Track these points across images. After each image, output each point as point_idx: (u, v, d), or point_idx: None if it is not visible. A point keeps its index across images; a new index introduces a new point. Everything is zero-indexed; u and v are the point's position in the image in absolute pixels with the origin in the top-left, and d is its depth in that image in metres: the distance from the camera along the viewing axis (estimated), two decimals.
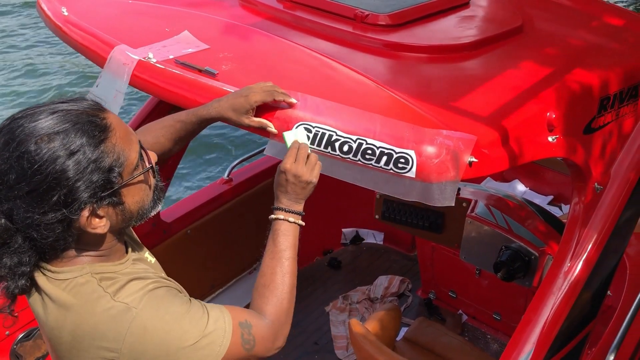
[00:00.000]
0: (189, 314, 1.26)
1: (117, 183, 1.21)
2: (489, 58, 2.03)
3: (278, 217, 1.48)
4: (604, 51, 2.14)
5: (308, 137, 1.54)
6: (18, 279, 1.22)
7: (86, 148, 1.16)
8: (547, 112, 1.74)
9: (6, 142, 1.17)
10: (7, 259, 1.20)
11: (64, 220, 1.17)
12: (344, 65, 1.87)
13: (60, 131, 1.15)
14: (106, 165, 1.19)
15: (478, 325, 3.32)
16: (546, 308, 1.92)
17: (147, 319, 1.21)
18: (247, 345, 1.33)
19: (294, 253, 1.47)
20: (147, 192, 1.31)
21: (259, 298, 1.42)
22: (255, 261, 3.54)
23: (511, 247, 2.63)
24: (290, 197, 1.48)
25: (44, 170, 1.13)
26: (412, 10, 2.16)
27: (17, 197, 1.15)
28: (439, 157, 1.46)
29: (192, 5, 2.38)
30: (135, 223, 1.33)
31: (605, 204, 1.96)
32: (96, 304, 1.22)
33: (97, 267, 1.26)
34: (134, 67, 1.77)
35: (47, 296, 1.25)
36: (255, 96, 1.55)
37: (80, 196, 1.16)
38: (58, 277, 1.25)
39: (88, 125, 1.18)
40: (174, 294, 1.29)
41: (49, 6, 2.22)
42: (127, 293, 1.23)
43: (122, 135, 1.23)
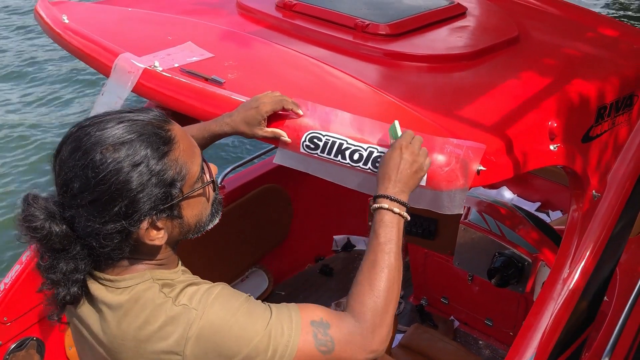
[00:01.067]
0: (247, 312, 1.22)
1: (177, 196, 1.21)
2: (488, 67, 2.07)
3: (382, 205, 1.35)
4: (599, 61, 2.19)
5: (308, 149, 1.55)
6: (71, 286, 1.21)
7: (150, 160, 1.16)
8: (548, 121, 1.78)
9: (72, 150, 1.17)
10: (64, 265, 1.19)
11: (123, 231, 1.17)
12: (347, 74, 1.88)
13: (126, 142, 1.15)
14: (168, 178, 1.18)
15: (470, 331, 3.35)
16: (546, 314, 1.95)
17: (205, 319, 1.20)
18: (322, 347, 1.23)
19: (397, 247, 1.34)
20: (205, 206, 1.30)
21: (351, 296, 1.31)
22: (248, 269, 3.54)
23: (505, 253, 2.67)
24: (398, 184, 1.37)
25: (107, 181, 1.14)
26: (412, 20, 2.20)
27: (79, 206, 1.16)
28: (448, 166, 1.48)
29: (190, 13, 2.38)
30: (192, 236, 1.31)
31: (602, 211, 2.00)
32: (160, 309, 1.21)
33: (157, 273, 1.26)
34: (139, 75, 1.76)
35: (106, 305, 1.24)
36: (266, 106, 1.56)
37: (140, 208, 1.16)
38: (119, 286, 1.24)
39: (153, 137, 1.18)
40: (230, 293, 1.26)
41: (47, 13, 2.21)
42: (186, 297, 1.22)
43: (185, 148, 1.23)
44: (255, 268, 3.57)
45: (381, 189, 1.38)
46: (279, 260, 3.63)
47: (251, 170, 3.55)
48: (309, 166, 1.60)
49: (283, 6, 2.34)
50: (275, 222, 3.58)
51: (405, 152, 1.39)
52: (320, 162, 1.57)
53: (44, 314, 2.57)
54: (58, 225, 1.17)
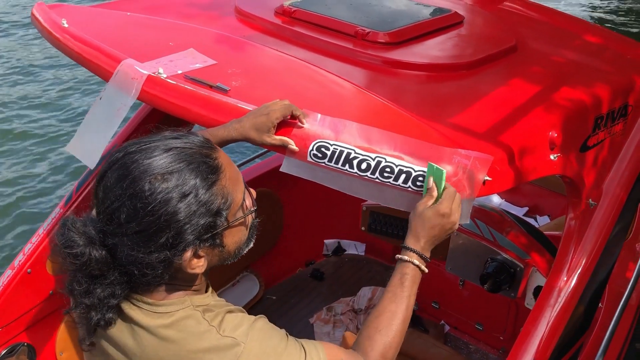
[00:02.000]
0: (287, 350, 1.25)
1: (222, 226, 1.20)
2: (487, 76, 2.09)
3: (413, 261, 1.43)
4: (594, 72, 2.23)
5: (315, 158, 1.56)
6: (106, 312, 1.20)
7: (199, 190, 1.15)
8: (548, 132, 1.81)
9: (119, 177, 1.15)
10: (100, 290, 1.18)
11: (167, 260, 1.16)
12: (350, 82, 1.89)
13: (175, 171, 1.14)
14: (214, 208, 1.17)
15: (460, 336, 3.38)
16: (544, 321, 1.97)
17: (252, 354, 1.20)
18: None
19: (413, 302, 1.44)
20: (244, 233, 1.30)
21: (367, 340, 1.37)
22: (239, 273, 3.53)
23: (497, 259, 2.69)
24: (430, 242, 1.44)
25: (156, 212, 1.12)
26: (411, 28, 2.22)
27: (124, 235, 1.14)
28: (456, 176, 1.50)
29: (188, 17, 2.38)
30: (229, 262, 1.31)
31: (598, 219, 2.04)
32: (203, 338, 1.20)
33: (195, 299, 1.25)
34: (143, 82, 1.75)
35: (142, 329, 1.22)
36: (276, 113, 1.56)
37: (186, 238, 1.15)
38: (158, 310, 1.23)
39: (202, 166, 1.16)
40: (271, 327, 1.28)
41: (45, 18, 2.18)
42: (230, 326, 1.22)
43: (231, 176, 1.23)
44: (246, 272, 3.56)
45: (413, 243, 1.44)
46: (269, 264, 3.63)
47: (242, 175, 3.53)
48: (316, 175, 1.60)
49: (282, 12, 2.34)
50: (266, 226, 3.53)
51: (445, 220, 1.42)
52: (327, 171, 1.57)
53: (35, 320, 2.54)
54: (98, 251, 1.15)
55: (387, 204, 1.58)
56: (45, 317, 2.55)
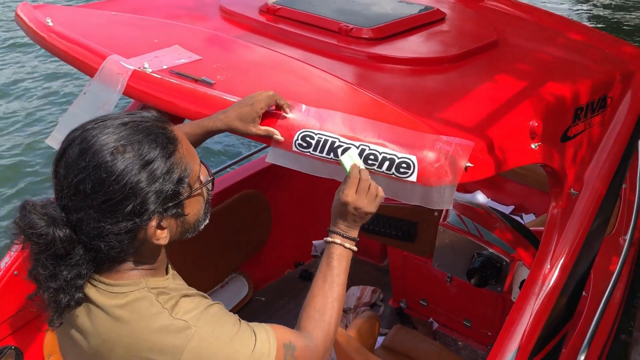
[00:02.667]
0: (238, 334, 1.27)
1: (184, 194, 1.23)
2: (469, 70, 2.12)
3: (335, 240, 1.49)
4: (573, 65, 2.27)
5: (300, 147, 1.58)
6: (75, 292, 1.21)
7: (159, 159, 1.18)
8: (529, 121, 1.84)
9: (81, 152, 1.17)
10: (66, 272, 1.19)
11: (132, 230, 1.19)
12: (334, 76, 1.92)
13: (135, 142, 1.17)
14: (176, 176, 1.21)
15: (449, 333, 3.40)
16: (528, 309, 2.00)
17: (204, 338, 1.23)
18: None
19: (345, 279, 1.48)
20: (202, 205, 1.33)
21: (307, 321, 1.42)
22: (228, 275, 3.53)
23: (483, 254, 2.72)
24: (348, 224, 1.50)
25: (120, 180, 1.15)
26: (394, 24, 2.25)
27: (90, 207, 1.16)
28: (438, 162, 1.52)
29: (173, 17, 2.39)
30: (189, 235, 1.33)
31: (580, 208, 2.07)
32: (155, 320, 1.22)
33: (151, 281, 1.27)
34: (128, 77, 1.77)
35: (98, 308, 1.24)
36: (260, 103, 1.58)
37: (150, 206, 1.18)
38: (113, 290, 1.24)
39: (160, 137, 1.20)
40: (225, 313, 1.30)
41: (29, 17, 2.19)
42: (183, 310, 1.24)
43: (187, 148, 1.26)
44: (235, 274, 3.57)
45: (334, 226, 1.51)
46: (258, 266, 3.64)
47: (230, 176, 3.56)
48: (301, 165, 1.62)
49: (267, 10, 2.37)
50: (255, 228, 3.58)
51: (350, 207, 1.47)
52: (313, 160, 1.59)
53: (22, 322, 2.53)
54: (62, 230, 1.17)
55: None
56: (32, 320, 2.54)
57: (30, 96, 6.90)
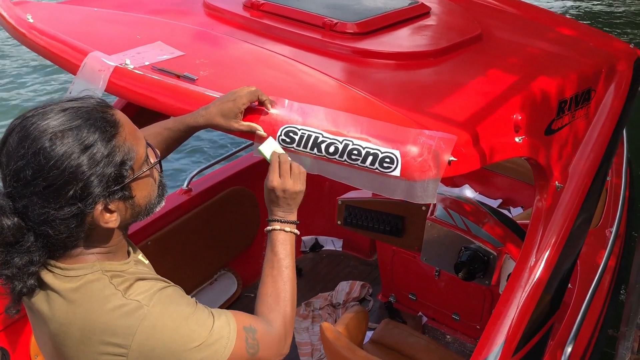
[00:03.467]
0: (195, 315, 1.28)
1: (128, 177, 1.24)
2: (453, 64, 2.12)
3: (274, 228, 1.50)
4: (557, 59, 2.27)
5: (284, 143, 1.58)
6: (27, 279, 1.22)
7: (99, 143, 1.18)
8: (513, 115, 1.84)
9: (20, 139, 1.17)
10: (18, 259, 1.20)
11: (79, 215, 1.19)
12: (318, 71, 1.91)
13: (73, 127, 1.17)
14: (118, 159, 1.21)
15: (438, 326, 3.41)
16: (515, 301, 2.00)
17: (157, 318, 1.23)
18: (251, 350, 1.35)
19: (292, 261, 1.50)
20: (153, 187, 1.33)
21: (263, 306, 1.44)
22: (216, 272, 3.53)
23: (470, 247, 2.73)
24: (284, 209, 1.51)
25: (60, 165, 1.15)
26: (378, 19, 2.24)
27: (33, 193, 1.16)
28: (421, 156, 1.52)
29: (157, 13, 2.38)
30: (142, 218, 1.34)
31: (565, 201, 2.08)
32: (108, 301, 1.23)
33: (106, 265, 1.28)
34: (110, 74, 1.75)
35: (54, 293, 1.25)
36: (242, 99, 1.58)
37: (94, 190, 1.18)
38: (68, 274, 1.25)
39: (100, 121, 1.20)
40: (181, 294, 1.31)
41: (9, 13, 2.17)
42: (137, 291, 1.25)
43: (130, 131, 1.26)
44: (223, 271, 3.56)
45: (270, 215, 1.52)
46: (247, 262, 3.63)
47: (217, 173, 3.55)
48: None
49: (250, 6, 2.36)
50: (243, 224, 3.57)
51: (277, 191, 1.49)
52: (297, 155, 1.59)
53: (8, 322, 2.51)
54: (9, 218, 1.17)
55: (356, 185, 1.60)
56: (18, 320, 2.52)
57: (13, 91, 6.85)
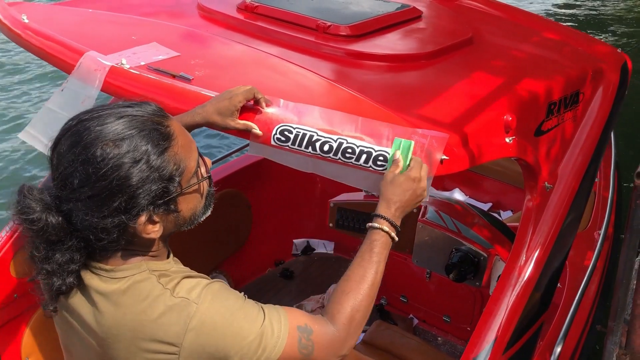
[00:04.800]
0: (243, 310, 1.26)
1: (175, 192, 1.23)
2: (445, 66, 2.16)
3: (383, 227, 1.44)
4: (547, 62, 2.31)
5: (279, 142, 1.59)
6: (67, 276, 1.22)
7: (150, 156, 1.17)
8: (503, 116, 1.87)
9: (72, 144, 1.17)
10: (59, 256, 1.20)
11: (121, 225, 1.19)
12: (312, 72, 1.93)
13: (126, 137, 1.16)
14: (167, 174, 1.20)
15: (429, 329, 3.43)
16: (505, 301, 2.03)
17: (206, 314, 1.22)
18: (304, 350, 1.31)
19: (383, 268, 1.44)
20: (199, 200, 1.32)
21: (334, 303, 1.38)
22: (210, 273, 3.53)
23: (461, 249, 2.75)
24: (401, 208, 1.46)
25: (107, 177, 1.14)
26: (371, 22, 2.28)
27: (78, 200, 1.16)
28: (414, 155, 1.55)
29: (151, 15, 2.39)
30: (186, 228, 1.33)
31: (554, 201, 2.11)
32: (158, 300, 1.23)
33: (152, 264, 1.27)
34: (106, 73, 1.77)
35: (100, 295, 1.25)
36: (238, 97, 1.59)
37: (139, 203, 1.17)
38: (114, 276, 1.25)
39: (153, 133, 1.19)
40: (227, 289, 1.30)
41: (4, 14, 2.18)
42: (185, 289, 1.24)
43: (183, 144, 1.25)
44: (215, 273, 3.56)
45: (384, 210, 1.45)
46: (239, 264, 3.64)
47: (214, 174, 3.54)
48: (282, 158, 1.64)
49: (244, 8, 2.38)
50: (235, 226, 3.58)
51: (416, 185, 1.46)
52: (292, 154, 1.61)
53: None
54: (54, 217, 1.17)
55: (350, 183, 1.63)
56: (9, 321, 2.51)
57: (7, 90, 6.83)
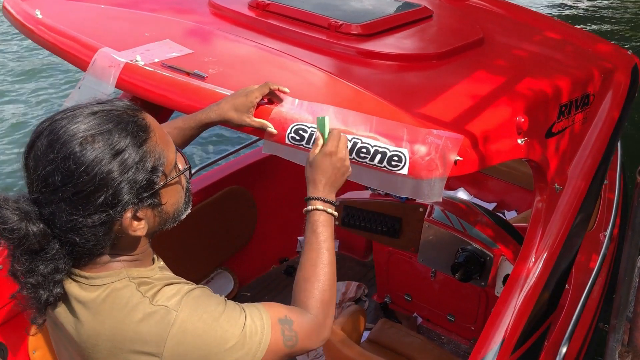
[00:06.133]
0: (225, 314, 1.24)
1: (158, 183, 1.20)
2: (456, 67, 2.16)
3: (317, 207, 1.44)
4: (558, 63, 2.32)
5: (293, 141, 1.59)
6: (53, 287, 1.18)
7: (130, 148, 1.15)
8: (516, 117, 1.88)
9: (49, 143, 1.14)
10: (43, 266, 1.16)
11: (107, 222, 1.16)
12: (324, 70, 1.94)
13: (104, 131, 1.14)
14: (149, 165, 1.17)
15: (432, 327, 3.44)
16: (513, 302, 2.04)
17: (187, 322, 1.20)
18: (289, 342, 1.30)
19: (332, 244, 1.45)
20: (181, 194, 1.30)
21: (301, 292, 1.39)
22: (213, 271, 3.54)
23: (467, 249, 2.76)
24: (328, 187, 1.46)
25: (90, 171, 1.12)
26: (383, 21, 2.28)
27: (61, 200, 1.13)
28: (429, 155, 1.55)
29: (162, 11, 2.39)
30: (169, 226, 1.30)
31: (564, 202, 2.12)
32: (136, 309, 1.20)
33: (133, 271, 1.24)
34: (120, 70, 1.77)
35: (79, 303, 1.22)
36: (254, 93, 1.59)
37: (124, 197, 1.15)
38: (93, 283, 1.22)
39: (131, 126, 1.17)
40: (208, 295, 1.27)
41: (17, 9, 2.18)
42: (165, 297, 1.21)
43: (161, 136, 1.23)
44: (220, 270, 3.57)
45: (313, 192, 1.47)
46: (243, 261, 3.65)
47: (215, 172, 3.56)
48: (296, 157, 1.64)
49: (256, 6, 2.38)
50: (240, 223, 3.59)
51: (334, 158, 1.46)
52: (306, 153, 1.61)
53: (6, 318, 2.51)
54: (35, 225, 1.14)
55: (364, 183, 1.63)
56: (17, 315, 2.51)
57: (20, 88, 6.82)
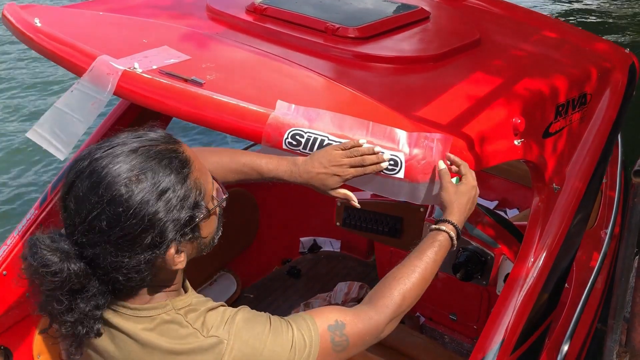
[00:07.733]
0: (272, 334, 1.23)
1: (200, 217, 1.19)
2: (453, 68, 2.17)
3: (449, 232, 1.49)
4: (554, 63, 2.32)
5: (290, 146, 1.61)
6: (94, 324, 1.18)
7: (175, 185, 1.14)
8: (512, 118, 1.89)
9: (92, 186, 1.12)
10: (83, 305, 1.15)
11: (151, 261, 1.15)
12: (322, 75, 1.95)
13: (147, 170, 1.13)
14: (192, 201, 1.17)
15: (435, 327, 3.44)
16: (513, 301, 2.05)
17: (237, 349, 1.20)
18: (338, 347, 1.29)
19: (437, 267, 1.48)
20: (216, 222, 1.29)
21: (385, 287, 1.40)
22: (216, 273, 3.55)
23: (468, 248, 2.76)
24: (463, 215, 1.52)
25: (137, 214, 1.10)
26: (379, 23, 2.29)
27: (106, 242, 1.12)
28: (425, 159, 1.56)
29: (160, 17, 2.41)
30: (205, 252, 1.30)
31: (562, 203, 2.12)
32: (187, 341, 1.19)
33: (177, 302, 1.24)
34: (119, 77, 1.78)
35: (124, 335, 1.21)
36: (348, 173, 1.56)
37: (169, 235, 1.14)
38: (139, 314, 1.21)
39: (174, 161, 1.16)
40: (253, 316, 1.26)
41: (16, 17, 2.19)
42: (212, 326, 1.21)
43: (199, 167, 1.22)
44: (223, 272, 3.59)
45: (449, 215, 1.51)
46: (246, 263, 3.66)
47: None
48: None
49: (253, 10, 2.40)
50: (243, 225, 3.61)
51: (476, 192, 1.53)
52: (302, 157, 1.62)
53: (11, 323, 2.53)
54: (76, 265, 1.12)
55: (360, 187, 1.64)
56: (21, 320, 2.53)
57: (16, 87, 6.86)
